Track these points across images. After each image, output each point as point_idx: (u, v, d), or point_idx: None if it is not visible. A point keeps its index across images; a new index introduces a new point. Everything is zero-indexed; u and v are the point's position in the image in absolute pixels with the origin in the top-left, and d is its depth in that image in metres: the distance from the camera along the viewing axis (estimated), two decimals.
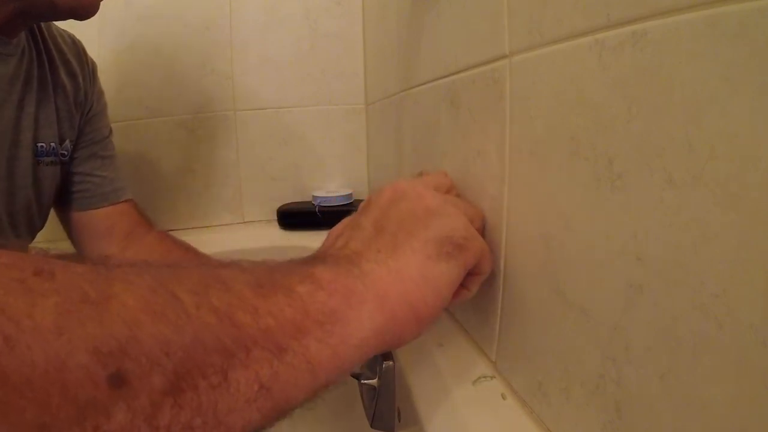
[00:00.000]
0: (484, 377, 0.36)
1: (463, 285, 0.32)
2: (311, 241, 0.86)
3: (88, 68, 0.63)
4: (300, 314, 0.22)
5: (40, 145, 0.54)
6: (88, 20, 0.49)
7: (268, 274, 0.23)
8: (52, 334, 0.15)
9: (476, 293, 0.34)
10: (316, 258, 0.27)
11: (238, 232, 0.91)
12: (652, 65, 0.20)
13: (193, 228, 0.93)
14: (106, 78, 0.69)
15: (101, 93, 0.67)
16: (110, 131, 0.67)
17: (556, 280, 0.28)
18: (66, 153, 0.59)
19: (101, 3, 0.48)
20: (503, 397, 0.33)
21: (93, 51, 0.66)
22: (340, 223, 0.34)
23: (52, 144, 0.56)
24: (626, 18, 0.21)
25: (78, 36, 0.64)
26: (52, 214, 0.63)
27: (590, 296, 0.25)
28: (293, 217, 0.89)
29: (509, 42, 0.32)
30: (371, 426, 0.48)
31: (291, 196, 0.94)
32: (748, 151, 0.16)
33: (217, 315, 0.19)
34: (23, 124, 0.51)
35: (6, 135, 0.49)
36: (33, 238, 0.58)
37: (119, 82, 0.84)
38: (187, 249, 0.65)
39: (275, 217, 0.91)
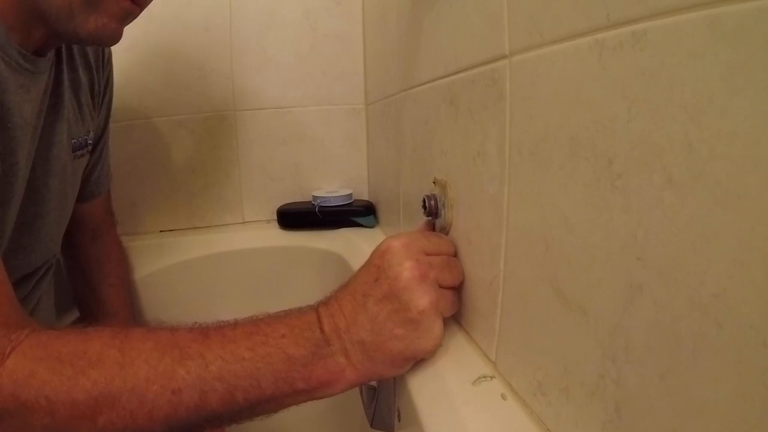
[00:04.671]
0: (484, 377, 0.36)
1: None
2: (311, 241, 0.86)
3: (102, 57, 0.64)
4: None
5: (73, 141, 0.57)
6: None
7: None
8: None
9: (476, 293, 0.34)
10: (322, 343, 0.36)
11: (238, 232, 0.91)
12: (652, 65, 0.20)
13: (193, 228, 0.93)
14: None
15: (111, 83, 0.68)
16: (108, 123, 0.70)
17: (556, 280, 0.28)
18: (92, 142, 0.62)
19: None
20: (503, 397, 0.33)
21: None
22: (358, 284, 0.38)
23: (81, 138, 0.59)
24: (626, 18, 0.21)
25: None
26: None
27: (590, 296, 0.25)
28: (293, 217, 0.89)
29: (509, 42, 0.32)
30: (371, 426, 0.48)
31: (291, 196, 0.94)
32: (748, 151, 0.16)
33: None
34: (58, 128, 0.54)
35: (44, 140, 0.51)
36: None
37: (119, 82, 0.83)
38: (125, 267, 0.78)
39: (275, 217, 0.91)
